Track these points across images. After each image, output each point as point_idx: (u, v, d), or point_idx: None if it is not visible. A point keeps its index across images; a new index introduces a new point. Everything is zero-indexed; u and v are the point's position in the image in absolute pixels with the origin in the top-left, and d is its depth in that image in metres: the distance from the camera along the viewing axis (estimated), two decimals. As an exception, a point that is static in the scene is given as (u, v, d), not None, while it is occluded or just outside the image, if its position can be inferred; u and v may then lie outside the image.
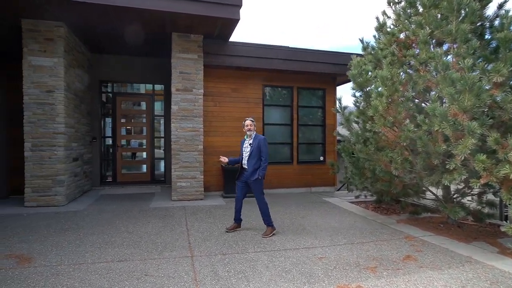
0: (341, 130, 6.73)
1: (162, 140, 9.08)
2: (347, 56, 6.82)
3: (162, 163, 9.07)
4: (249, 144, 4.65)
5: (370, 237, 4.49)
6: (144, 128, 9.07)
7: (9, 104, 6.98)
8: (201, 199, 7.00)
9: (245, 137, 4.78)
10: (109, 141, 8.79)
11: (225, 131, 7.80)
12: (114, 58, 8.45)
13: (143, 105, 9.16)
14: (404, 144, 4.24)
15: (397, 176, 4.65)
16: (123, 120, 8.94)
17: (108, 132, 8.81)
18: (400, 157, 4.38)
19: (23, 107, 6.07)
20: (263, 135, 8.04)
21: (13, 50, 6.17)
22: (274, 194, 7.85)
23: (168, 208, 6.13)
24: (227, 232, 4.61)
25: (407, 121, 4.51)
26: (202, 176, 7.08)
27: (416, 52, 4.86)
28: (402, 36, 5.46)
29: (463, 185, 4.89)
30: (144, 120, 9.06)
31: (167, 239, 4.26)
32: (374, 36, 5.89)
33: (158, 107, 9.16)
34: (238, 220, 4.80)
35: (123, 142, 8.96)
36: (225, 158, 4.83)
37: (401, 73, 5.00)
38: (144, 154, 9.11)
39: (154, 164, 9.01)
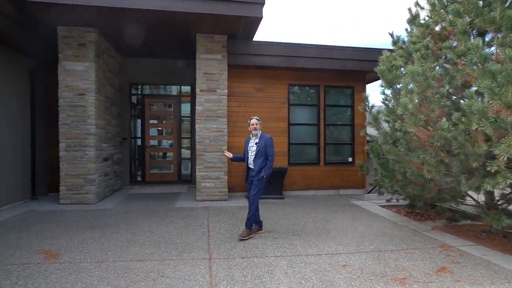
0: (370, 130, 6.38)
1: (189, 140, 9.21)
2: (378, 52, 6.45)
3: (189, 163, 9.19)
4: (255, 144, 4.53)
5: (400, 245, 4.17)
6: (172, 129, 9.26)
7: (48, 107, 7.41)
8: (225, 200, 6.97)
9: (250, 136, 4.66)
10: (138, 142, 9.06)
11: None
12: (143, 61, 8.70)
13: (171, 107, 9.34)
14: (438, 144, 3.87)
15: (431, 180, 4.28)
16: (151, 121, 9.19)
17: (137, 133, 9.10)
18: (433, 158, 4.02)
19: (58, 110, 6.41)
20: (288, 135, 7.88)
21: (52, 57, 6.55)
22: (300, 196, 7.65)
23: (192, 208, 6.16)
24: (241, 240, 4.27)
25: (444, 119, 4.13)
26: (226, 177, 7.05)
27: (454, 44, 4.46)
28: (437, 28, 5.07)
29: (510, 190, 4.40)
30: (172, 121, 9.24)
31: (187, 240, 4.25)
32: (406, 30, 5.50)
33: (187, 108, 9.31)
34: (258, 223, 4.67)
35: (152, 142, 9.21)
36: (229, 153, 4.78)
37: (437, 68, 4.63)
38: (172, 155, 9.29)
39: (180, 164, 9.16)
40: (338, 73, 7.96)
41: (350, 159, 8.17)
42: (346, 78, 8.10)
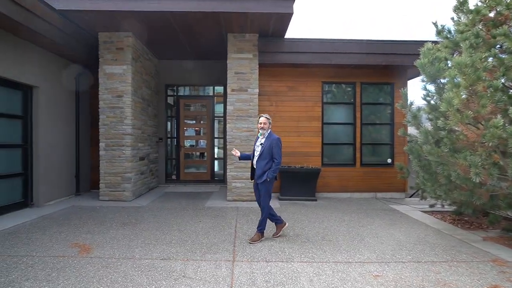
0: (410, 129, 5.88)
1: (222, 140, 9.27)
2: (420, 45, 5.93)
3: (222, 163, 9.26)
4: (261, 144, 4.23)
5: (443, 256, 3.75)
6: (205, 129, 9.39)
7: (91, 108, 7.89)
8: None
9: (259, 135, 4.36)
10: (174, 142, 9.32)
11: (281, 131, 7.51)
12: (178, 63, 8.94)
13: (205, 107, 9.48)
14: (490, 144, 3.41)
15: (482, 184, 3.79)
16: (186, 122, 9.41)
17: (173, 133, 9.36)
18: (484, 160, 3.55)
19: (99, 111, 6.78)
20: (322, 135, 7.58)
21: (95, 62, 6.97)
22: (334, 198, 7.31)
23: (221, 208, 6.15)
24: (250, 243, 4.14)
25: (498, 116, 3.64)
26: (257, 177, 6.94)
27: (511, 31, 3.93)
28: (491, 14, 4.52)
29: None
30: (205, 121, 9.37)
31: (213, 240, 4.21)
32: (452, 18, 4.98)
33: (220, 108, 9.40)
34: (279, 221, 4.47)
35: (186, 142, 9.42)
36: (237, 151, 4.48)
37: (489, 58, 4.11)
38: (205, 154, 9.42)
39: (213, 164, 9.26)
40: (376, 69, 7.49)
41: (389, 161, 7.64)
42: (385, 74, 7.60)
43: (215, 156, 9.33)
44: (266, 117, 4.24)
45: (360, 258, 3.66)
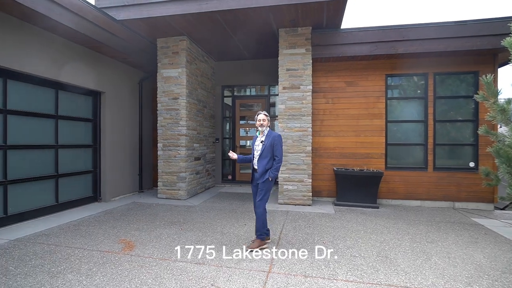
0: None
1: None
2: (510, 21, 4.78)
3: (277, 164, 8.97)
4: (261, 142, 3.98)
5: (543, 292, 2.86)
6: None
7: (152, 111, 8.41)
8: (308, 205, 6.43)
9: (257, 133, 4.07)
10: (230, 142, 9.39)
11: (338, 130, 6.95)
12: (234, 64, 8.98)
13: (260, 107, 9.33)
14: None
15: None
16: (241, 122, 9.39)
17: (229, 134, 9.43)
18: None
19: (157, 113, 7.15)
20: (385, 134, 6.75)
21: (155, 68, 7.43)
22: (400, 206, 6.42)
23: (270, 212, 5.88)
24: (249, 251, 3.79)
25: None
26: (310, 180, 6.49)
27: None
28: None
29: None
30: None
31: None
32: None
33: (275, 108, 9.15)
34: (262, 236, 3.97)
35: (242, 142, 9.40)
36: (233, 153, 4.16)
37: None
38: (260, 155, 9.25)
39: (269, 165, 9.04)
40: (456, 55, 6.35)
41: (471, 164, 6.40)
42: (466, 61, 6.39)
43: (270, 157, 9.10)
44: (264, 114, 4.03)
45: (422, 283, 3.01)
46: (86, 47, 6.08)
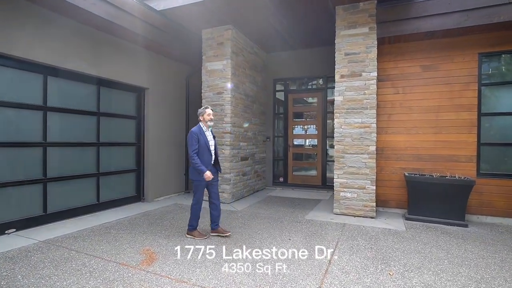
0: None
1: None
2: None
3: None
4: (214, 137, 4.28)
5: None
6: (314, 126, 8.24)
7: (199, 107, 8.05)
8: (371, 217, 5.28)
9: (204, 128, 4.15)
10: (282, 141, 8.57)
11: (411, 126, 5.63)
12: (286, 55, 8.15)
13: (316, 101, 8.32)
14: None
15: None
16: (295, 119, 8.50)
17: (281, 132, 8.62)
18: None
19: (202, 109, 6.71)
20: (478, 131, 5.26)
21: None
22: (498, 226, 4.86)
23: (323, 224, 4.92)
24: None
25: None
26: (374, 187, 5.33)
27: None
28: None
29: None
30: (316, 118, 8.20)
31: (292, 274, 3.11)
32: None
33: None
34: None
35: (295, 141, 8.51)
36: (209, 175, 4.06)
37: None
38: (315, 155, 8.25)
39: (325, 167, 7.99)
40: None
41: None
42: None
43: (328, 158, 8.03)
44: (211, 109, 4.25)
45: None
46: (127, 41, 5.87)
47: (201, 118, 4.15)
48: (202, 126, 4.13)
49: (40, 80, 4.63)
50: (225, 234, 4.20)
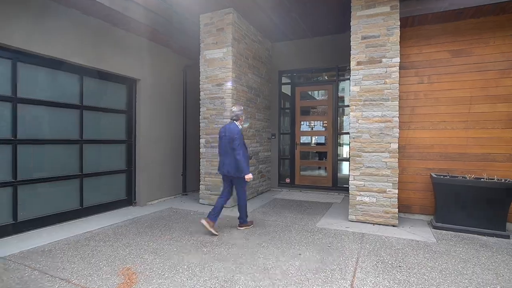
0: None
1: (348, 136, 7.18)
2: None
3: (348, 166, 7.17)
4: None
5: None
6: (324, 122, 7.53)
7: (197, 101, 7.37)
8: (393, 225, 4.57)
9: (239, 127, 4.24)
10: (288, 138, 7.87)
11: (438, 121, 4.91)
12: (293, 44, 7.45)
13: (326, 95, 7.60)
14: None
15: None
16: (302, 114, 7.79)
17: (287, 128, 7.92)
18: None
19: (200, 103, 6.04)
20: (518, 125, 4.49)
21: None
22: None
23: (338, 233, 4.23)
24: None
25: None
26: (396, 190, 4.61)
27: None
28: None
29: None
30: (327, 113, 7.48)
31: (308, 304, 2.43)
32: None
33: (346, 95, 7.35)
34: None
35: (303, 139, 7.81)
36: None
37: None
38: (326, 154, 7.54)
39: (336, 167, 7.28)
40: None
41: None
42: None
43: (339, 157, 7.32)
44: None
45: None
46: (115, 26, 5.21)
47: (241, 118, 4.34)
48: (238, 125, 4.26)
49: (8, 66, 3.97)
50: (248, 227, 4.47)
